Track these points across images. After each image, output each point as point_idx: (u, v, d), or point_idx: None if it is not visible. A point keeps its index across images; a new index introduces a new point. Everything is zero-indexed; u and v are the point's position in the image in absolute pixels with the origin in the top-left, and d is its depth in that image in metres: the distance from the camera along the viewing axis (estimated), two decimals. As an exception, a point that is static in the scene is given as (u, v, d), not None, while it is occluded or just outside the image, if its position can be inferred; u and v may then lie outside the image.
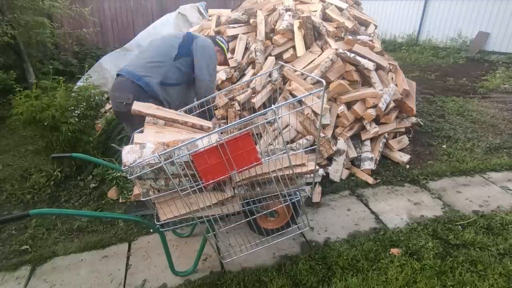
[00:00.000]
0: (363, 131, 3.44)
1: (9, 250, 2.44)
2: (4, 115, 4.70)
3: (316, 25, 3.70)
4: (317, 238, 2.44)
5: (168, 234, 2.43)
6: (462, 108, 4.95)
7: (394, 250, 2.26)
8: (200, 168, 1.59)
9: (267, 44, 3.69)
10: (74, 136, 3.15)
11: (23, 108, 2.94)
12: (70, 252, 2.38)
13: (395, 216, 2.67)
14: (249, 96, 3.38)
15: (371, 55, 3.58)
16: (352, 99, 3.38)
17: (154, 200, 1.79)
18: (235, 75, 3.58)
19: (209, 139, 1.67)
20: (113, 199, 2.96)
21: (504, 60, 7.68)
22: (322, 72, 3.32)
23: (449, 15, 8.97)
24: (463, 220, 2.56)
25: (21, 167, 3.50)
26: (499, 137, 4.08)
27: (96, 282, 2.13)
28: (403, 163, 3.41)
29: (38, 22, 5.26)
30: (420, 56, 8.70)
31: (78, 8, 6.13)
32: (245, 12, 4.15)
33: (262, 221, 2.31)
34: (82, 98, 3.25)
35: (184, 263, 2.24)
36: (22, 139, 4.24)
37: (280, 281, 2.03)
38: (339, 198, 2.93)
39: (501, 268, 2.10)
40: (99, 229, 2.63)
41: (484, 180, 3.18)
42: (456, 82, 6.46)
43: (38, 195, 3.04)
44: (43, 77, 5.30)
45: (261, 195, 1.91)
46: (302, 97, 2.08)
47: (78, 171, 3.26)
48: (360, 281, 2.02)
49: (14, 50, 5.47)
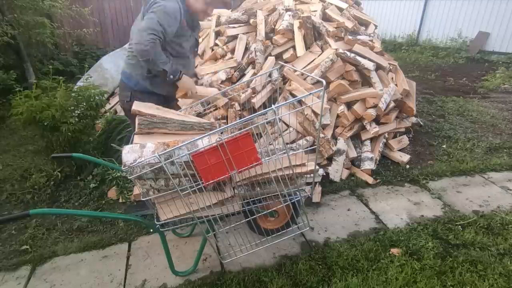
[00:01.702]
0: (363, 131, 3.44)
1: (9, 250, 2.44)
2: (4, 115, 4.69)
3: (316, 25, 3.70)
4: (317, 238, 2.44)
5: (168, 234, 2.42)
6: (462, 108, 4.95)
7: (394, 250, 2.26)
8: (200, 168, 1.59)
9: (267, 44, 3.69)
10: (74, 136, 3.15)
11: (23, 108, 2.94)
12: (70, 252, 2.38)
13: (395, 216, 2.67)
14: (249, 96, 3.38)
15: (371, 55, 3.58)
16: (352, 99, 3.38)
17: (154, 200, 1.79)
18: (235, 75, 3.58)
19: (209, 139, 1.67)
20: (113, 199, 2.96)
21: (504, 60, 7.68)
22: (322, 72, 3.32)
23: (449, 15, 8.97)
24: (463, 220, 2.56)
25: (21, 167, 3.50)
26: (499, 137, 4.08)
27: (96, 282, 2.13)
28: (403, 163, 3.41)
29: (38, 22, 5.26)
30: (420, 56, 8.70)
31: (78, 8, 6.12)
32: (245, 12, 4.15)
33: (262, 221, 2.31)
34: (82, 98, 3.25)
35: (184, 263, 2.24)
36: (22, 139, 4.24)
37: (280, 281, 2.03)
38: (339, 198, 2.93)
39: (501, 268, 2.10)
40: (99, 229, 2.63)
41: (484, 180, 3.18)
42: (456, 82, 6.47)
43: (38, 195, 3.04)
44: (43, 77, 5.29)
45: (261, 195, 1.91)
46: (302, 97, 2.08)
47: (78, 171, 3.26)
48: (360, 281, 2.02)
49: (14, 50, 5.47)
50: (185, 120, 1.90)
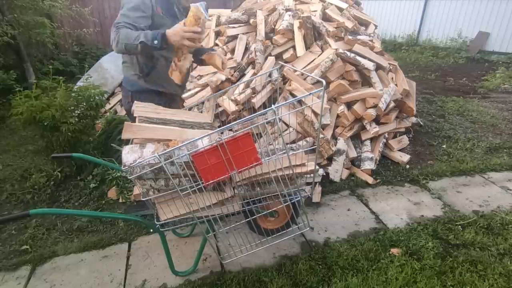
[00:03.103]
0: (363, 131, 3.44)
1: (9, 250, 2.44)
2: (4, 115, 4.70)
3: (316, 25, 3.70)
4: (317, 238, 2.44)
5: (168, 234, 2.42)
6: (462, 108, 4.95)
7: (394, 250, 2.26)
8: (200, 168, 1.59)
9: (267, 44, 3.69)
10: (74, 136, 3.15)
11: (23, 108, 2.94)
12: (70, 252, 2.38)
13: (395, 216, 2.67)
14: (249, 96, 3.38)
15: (371, 55, 3.58)
16: (352, 99, 3.38)
17: (154, 200, 1.79)
18: (235, 75, 3.58)
19: (209, 139, 1.66)
20: (113, 199, 2.96)
21: (504, 60, 7.68)
22: (322, 72, 3.32)
23: (449, 15, 8.97)
24: (463, 220, 2.56)
25: (21, 167, 3.50)
26: (499, 137, 4.08)
27: (96, 282, 2.13)
28: (403, 163, 3.41)
29: (38, 22, 5.26)
30: (420, 56, 8.70)
31: (78, 8, 6.12)
32: (245, 12, 4.15)
33: (262, 221, 2.31)
34: (82, 98, 3.25)
35: (184, 263, 2.24)
36: (22, 139, 4.24)
37: (280, 281, 2.03)
38: (339, 198, 2.93)
39: (501, 268, 2.10)
40: (99, 229, 2.63)
41: (484, 180, 3.18)
42: (456, 82, 6.46)
43: (38, 195, 3.04)
44: (43, 77, 5.30)
45: (261, 195, 1.91)
46: (302, 97, 2.08)
47: (78, 171, 3.26)
48: (360, 281, 2.02)
49: (14, 50, 5.47)
50: (185, 120, 1.90)
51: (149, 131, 1.72)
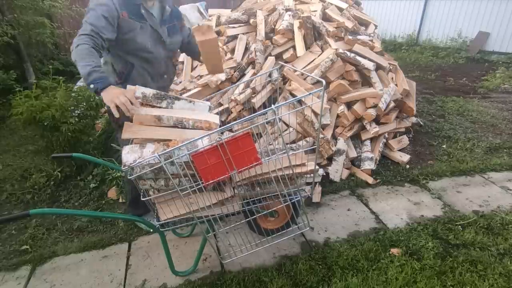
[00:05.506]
0: (363, 131, 3.44)
1: (9, 250, 2.44)
2: (4, 115, 4.70)
3: (316, 25, 3.70)
4: (317, 238, 2.44)
5: (168, 234, 2.42)
6: (462, 108, 4.95)
7: (394, 250, 2.26)
8: (200, 168, 1.59)
9: (267, 44, 3.69)
10: (74, 136, 3.15)
11: (23, 108, 2.94)
12: (70, 252, 2.38)
13: (395, 216, 2.67)
14: (249, 96, 3.38)
15: (371, 55, 3.58)
16: (352, 99, 3.38)
17: (154, 200, 1.79)
18: (235, 75, 3.58)
19: (209, 139, 1.66)
20: (113, 199, 2.96)
21: (504, 60, 7.68)
22: (322, 72, 3.32)
23: (449, 15, 8.97)
24: (463, 220, 2.56)
25: (21, 167, 3.50)
26: (499, 137, 4.08)
27: (96, 282, 2.13)
28: (403, 163, 3.41)
29: (38, 22, 5.27)
30: (420, 56, 8.70)
31: (78, 8, 6.13)
32: (245, 12, 4.15)
33: (262, 221, 2.31)
34: (82, 98, 3.25)
35: (184, 263, 2.24)
36: (22, 139, 4.24)
37: (280, 281, 2.03)
38: (339, 198, 2.93)
39: (501, 268, 2.10)
40: (99, 229, 2.63)
41: (484, 180, 3.18)
42: (456, 82, 6.46)
43: (38, 195, 3.04)
44: (43, 77, 5.30)
45: (261, 195, 1.91)
46: (302, 97, 2.08)
47: (78, 171, 3.26)
48: (360, 281, 2.02)
49: (14, 50, 5.47)
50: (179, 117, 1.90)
51: (149, 131, 1.72)
